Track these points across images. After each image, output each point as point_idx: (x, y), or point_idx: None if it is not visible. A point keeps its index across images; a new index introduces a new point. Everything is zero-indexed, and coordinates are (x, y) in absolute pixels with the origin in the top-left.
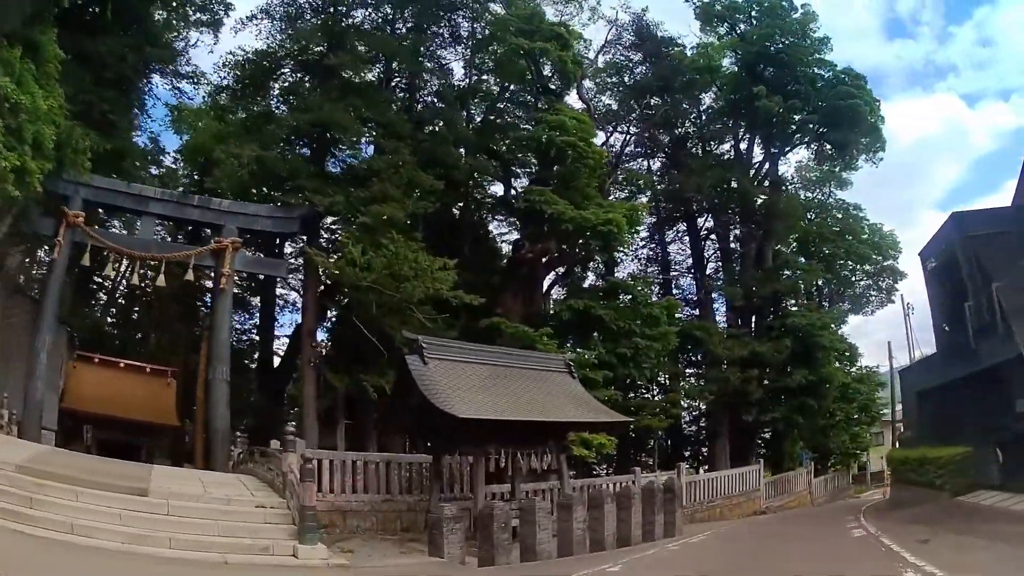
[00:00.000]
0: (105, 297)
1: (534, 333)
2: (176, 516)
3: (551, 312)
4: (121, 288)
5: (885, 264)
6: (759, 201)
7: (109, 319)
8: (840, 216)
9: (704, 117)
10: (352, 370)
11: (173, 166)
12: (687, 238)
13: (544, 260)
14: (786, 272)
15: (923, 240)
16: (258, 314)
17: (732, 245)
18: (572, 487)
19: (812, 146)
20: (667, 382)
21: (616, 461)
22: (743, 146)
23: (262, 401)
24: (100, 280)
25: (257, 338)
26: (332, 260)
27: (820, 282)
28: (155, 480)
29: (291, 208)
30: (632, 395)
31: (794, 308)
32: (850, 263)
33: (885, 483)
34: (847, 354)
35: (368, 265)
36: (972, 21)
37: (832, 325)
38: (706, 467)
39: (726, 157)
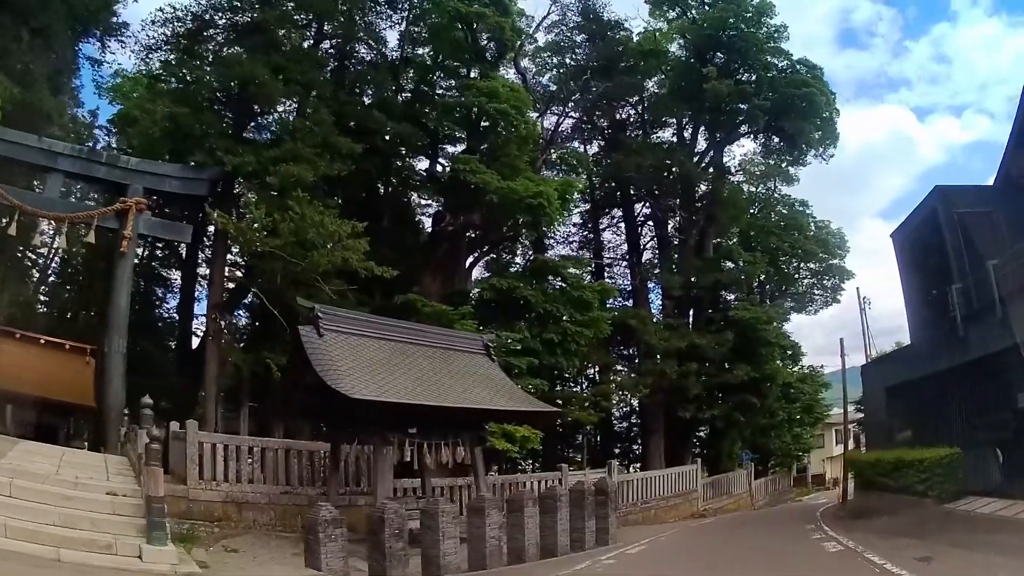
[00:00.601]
0: (37, 274)
1: (453, 312)
2: (18, 499)
3: (474, 293)
4: (54, 265)
5: (831, 263)
6: (702, 189)
7: (41, 296)
8: (785, 211)
9: (647, 103)
10: (259, 348)
11: (107, 138)
12: (623, 225)
13: (468, 237)
14: (728, 263)
15: (866, 248)
16: (179, 291)
17: (671, 232)
18: (492, 484)
19: (759, 137)
20: (597, 375)
21: (543, 457)
22: (687, 134)
23: (180, 382)
24: (33, 256)
25: (177, 316)
26: (237, 223)
27: (762, 277)
28: (9, 456)
29: (201, 169)
30: (560, 386)
31: (736, 302)
32: (794, 260)
33: (828, 486)
34: (790, 353)
35: (273, 229)
36: (929, 37)
37: (776, 321)
38: (638, 466)
39: (667, 146)
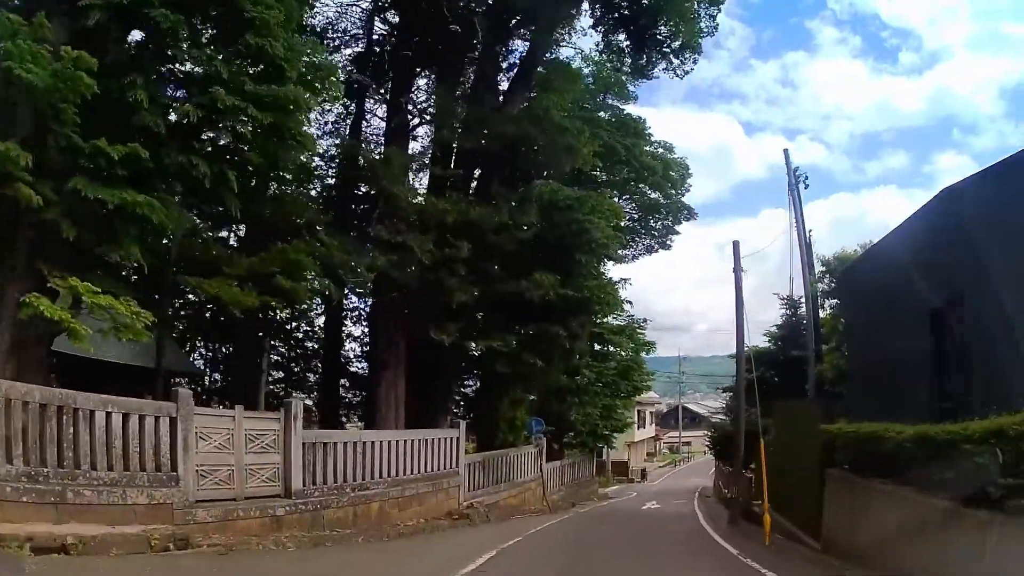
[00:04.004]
0: None
1: None
2: None
3: None
4: None
5: (667, 196)
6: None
7: None
8: (615, 122)
9: None
10: None
11: None
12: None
13: None
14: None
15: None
16: None
17: (466, 67)
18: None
19: (600, 29)
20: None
21: (246, 396)
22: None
23: None
24: None
25: None
26: None
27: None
28: None
29: None
30: (208, 233)
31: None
32: (626, 171)
33: (631, 477)
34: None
35: None
36: (780, 61)
37: (609, 216)
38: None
39: None
